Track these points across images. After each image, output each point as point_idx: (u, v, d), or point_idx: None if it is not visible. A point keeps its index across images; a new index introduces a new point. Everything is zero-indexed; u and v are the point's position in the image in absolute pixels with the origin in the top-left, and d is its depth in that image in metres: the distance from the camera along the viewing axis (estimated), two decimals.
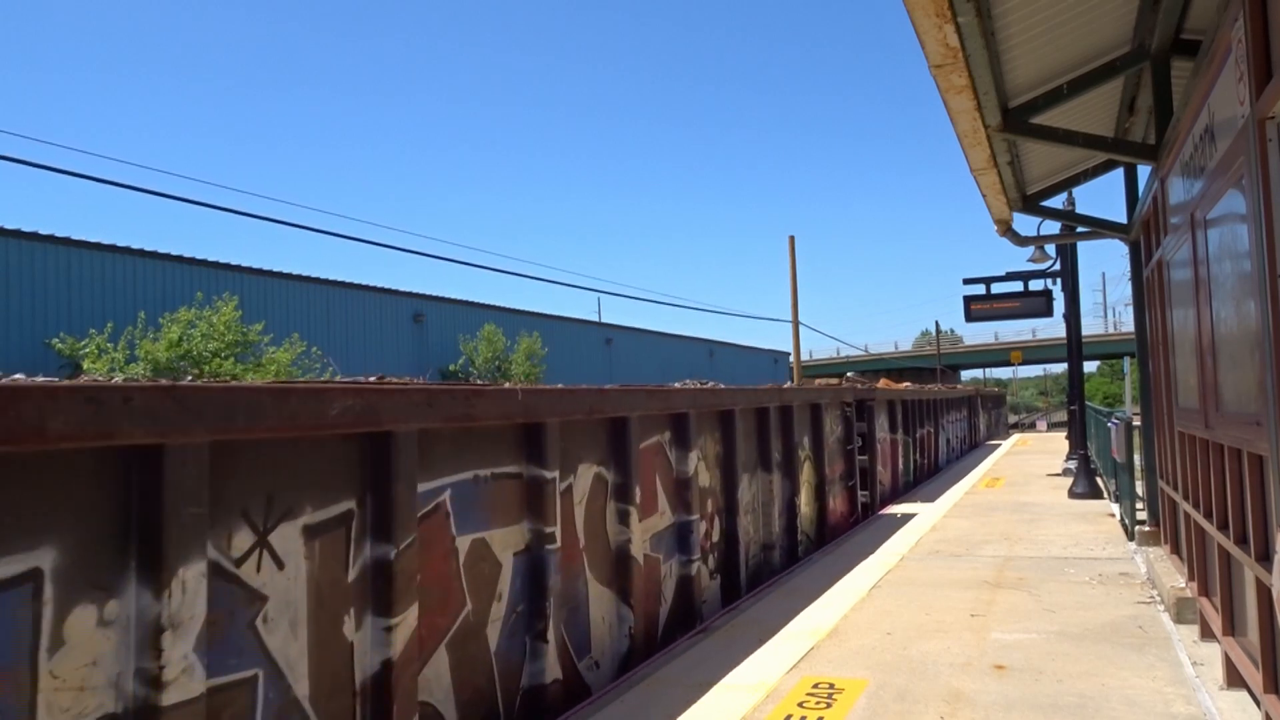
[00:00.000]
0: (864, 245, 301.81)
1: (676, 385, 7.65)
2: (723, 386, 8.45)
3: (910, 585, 8.30)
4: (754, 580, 8.76)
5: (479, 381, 22.36)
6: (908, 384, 24.85)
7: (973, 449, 28.87)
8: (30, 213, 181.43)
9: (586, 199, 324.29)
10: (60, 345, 22.45)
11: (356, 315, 34.29)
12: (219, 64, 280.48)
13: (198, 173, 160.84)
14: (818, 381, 12.42)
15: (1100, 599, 7.53)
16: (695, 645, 6.45)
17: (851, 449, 12.39)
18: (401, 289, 36.96)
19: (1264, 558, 4.19)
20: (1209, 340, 5.14)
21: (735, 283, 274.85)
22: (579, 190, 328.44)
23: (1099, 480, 14.86)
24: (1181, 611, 6.64)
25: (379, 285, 35.91)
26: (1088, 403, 20.12)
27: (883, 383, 20.23)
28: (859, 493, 12.57)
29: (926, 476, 18.97)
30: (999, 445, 30.89)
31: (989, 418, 37.86)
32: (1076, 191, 13.09)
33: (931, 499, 14.71)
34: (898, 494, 15.73)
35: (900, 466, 16.41)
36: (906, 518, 12.56)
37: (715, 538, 8.02)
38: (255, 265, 30.11)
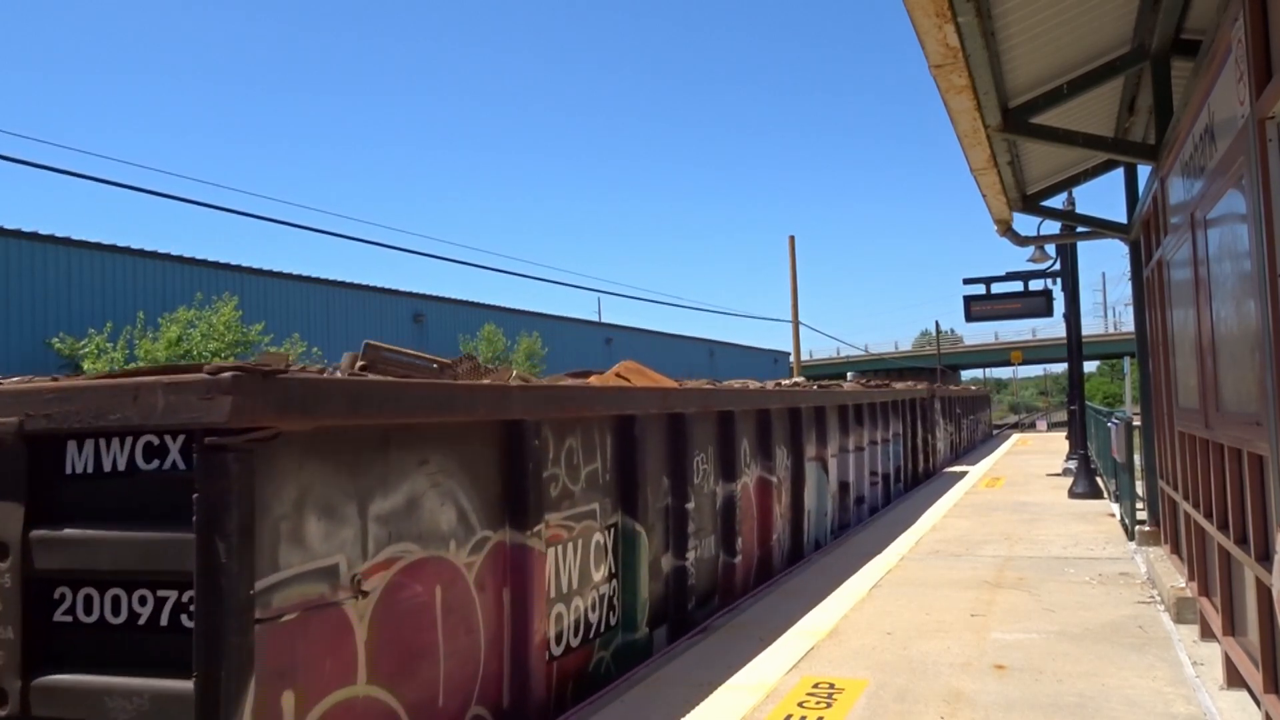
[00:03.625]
0: (864, 245, 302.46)
1: None
2: None
3: (910, 585, 8.30)
4: None
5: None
6: (752, 382, 11.18)
7: (918, 486, 17.30)
8: (30, 213, 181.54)
9: (587, 199, 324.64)
10: (60, 345, 22.45)
11: (356, 315, 34.29)
12: (219, 64, 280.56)
13: (198, 173, 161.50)
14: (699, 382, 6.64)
15: (1100, 599, 7.53)
16: (695, 645, 6.45)
17: None
18: (401, 289, 37.03)
19: (1264, 558, 4.19)
20: (1209, 340, 5.14)
21: (735, 283, 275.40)
22: (579, 190, 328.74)
23: (1099, 480, 14.85)
24: (1181, 611, 6.64)
25: (379, 285, 35.99)
26: (1088, 403, 20.11)
27: (622, 366, 7.71)
28: None
29: (782, 570, 9.19)
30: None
31: (956, 430, 24.92)
32: (1076, 191, 13.11)
33: None
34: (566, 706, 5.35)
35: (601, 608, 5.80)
36: None
37: None
38: (255, 265, 30.17)
